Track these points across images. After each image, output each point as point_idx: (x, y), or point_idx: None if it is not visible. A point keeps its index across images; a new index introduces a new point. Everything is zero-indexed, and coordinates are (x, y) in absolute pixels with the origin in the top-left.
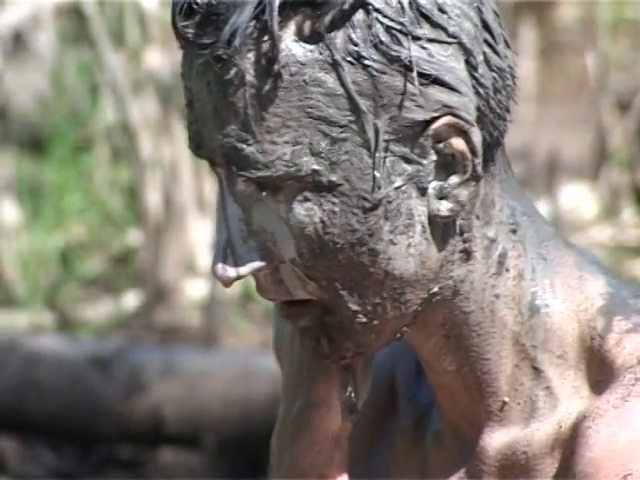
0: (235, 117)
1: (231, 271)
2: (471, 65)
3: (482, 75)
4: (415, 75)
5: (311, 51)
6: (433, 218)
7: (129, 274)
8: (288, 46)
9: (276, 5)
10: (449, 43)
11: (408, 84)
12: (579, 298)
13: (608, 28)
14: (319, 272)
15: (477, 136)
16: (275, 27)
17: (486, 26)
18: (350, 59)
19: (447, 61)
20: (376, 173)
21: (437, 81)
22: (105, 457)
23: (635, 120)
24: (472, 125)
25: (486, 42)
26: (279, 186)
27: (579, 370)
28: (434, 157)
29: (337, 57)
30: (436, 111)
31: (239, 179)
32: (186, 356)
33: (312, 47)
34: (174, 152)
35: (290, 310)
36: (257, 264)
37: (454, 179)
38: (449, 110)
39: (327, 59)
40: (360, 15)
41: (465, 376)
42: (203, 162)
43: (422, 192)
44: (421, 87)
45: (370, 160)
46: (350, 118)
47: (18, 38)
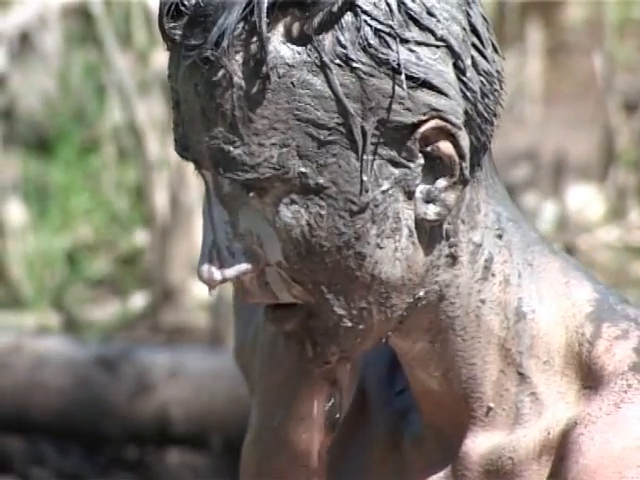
0: (222, 119)
1: (217, 274)
2: (459, 69)
3: (470, 79)
4: (403, 78)
5: (299, 53)
6: (420, 222)
7: (136, 275)
8: (276, 48)
9: (264, 6)
10: (437, 46)
11: (396, 87)
12: (566, 304)
13: (615, 28)
14: (305, 275)
15: (465, 139)
16: (263, 28)
17: (474, 30)
18: (338, 61)
19: (435, 64)
20: (363, 176)
21: (425, 84)
22: (111, 458)
23: None
24: (460, 128)
25: (474, 46)
26: (266, 188)
27: (565, 376)
28: (421, 160)
29: (325, 59)
30: (424, 114)
31: (226, 181)
32: (192, 357)
33: (300, 49)
34: None
35: (275, 314)
36: (243, 267)
37: (441, 183)
38: (437, 113)
39: (315, 61)
40: (349, 17)
41: (450, 381)
42: None
43: (409, 195)
44: (409, 90)
45: (357, 163)
46: (338, 121)
47: (25, 39)
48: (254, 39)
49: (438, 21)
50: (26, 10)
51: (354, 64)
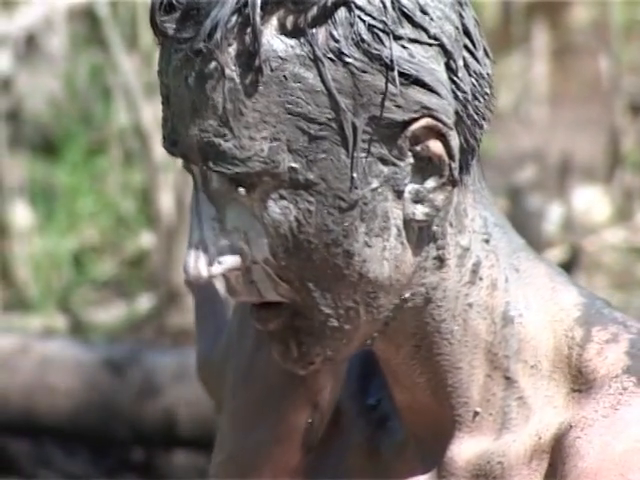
0: (213, 112)
1: (203, 270)
2: (451, 68)
3: (461, 79)
4: (396, 74)
5: (292, 46)
6: (408, 222)
7: (142, 277)
8: (269, 41)
9: None
10: (430, 44)
11: (388, 83)
12: (553, 309)
13: (621, 30)
14: (292, 273)
15: (455, 140)
16: (257, 21)
17: (466, 31)
18: (331, 56)
19: (428, 62)
20: (353, 173)
21: (417, 82)
22: (118, 460)
23: None
24: (451, 128)
25: (466, 47)
26: (255, 183)
27: (553, 380)
28: (411, 160)
29: (318, 53)
30: (415, 112)
31: (214, 176)
32: None
33: (293, 42)
34: None
35: (260, 313)
36: (230, 264)
37: (430, 183)
38: (428, 112)
39: (308, 55)
40: (342, 12)
41: (436, 386)
42: None
43: (398, 195)
44: (401, 87)
45: (348, 160)
46: (329, 116)
47: (31, 41)
48: (247, 31)
49: (431, 19)
50: (32, 12)
51: (347, 59)
